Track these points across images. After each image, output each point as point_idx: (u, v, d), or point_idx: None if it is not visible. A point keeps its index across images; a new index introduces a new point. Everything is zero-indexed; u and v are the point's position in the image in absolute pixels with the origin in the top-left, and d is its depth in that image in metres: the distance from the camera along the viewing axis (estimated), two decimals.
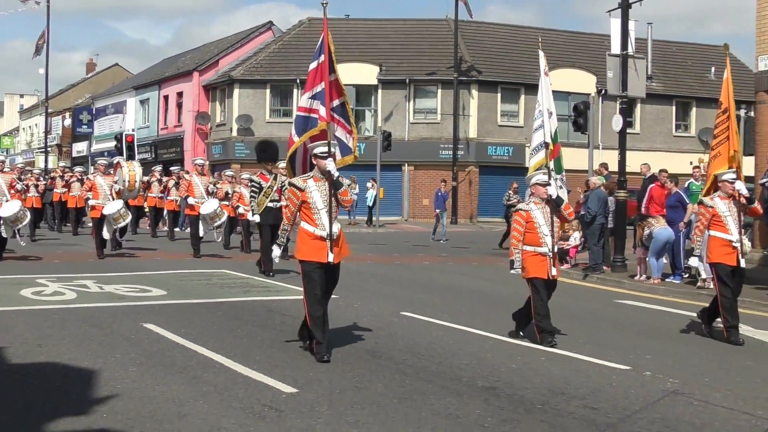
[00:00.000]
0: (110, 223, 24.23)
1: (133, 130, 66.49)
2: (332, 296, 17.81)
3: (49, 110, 75.02)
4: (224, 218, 26.54)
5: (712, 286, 19.80)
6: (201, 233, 26.02)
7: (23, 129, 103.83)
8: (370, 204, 44.91)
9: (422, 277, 22.02)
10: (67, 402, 9.25)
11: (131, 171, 25.04)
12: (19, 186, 25.11)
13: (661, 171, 23.15)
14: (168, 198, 35.20)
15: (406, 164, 53.42)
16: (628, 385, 10.71)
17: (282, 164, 24.07)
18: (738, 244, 14.06)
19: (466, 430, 8.53)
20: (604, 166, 27.23)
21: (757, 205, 14.75)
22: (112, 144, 64.96)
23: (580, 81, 55.06)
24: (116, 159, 28.40)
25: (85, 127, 79.32)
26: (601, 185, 23.78)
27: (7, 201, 23.12)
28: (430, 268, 25.28)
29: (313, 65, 12.79)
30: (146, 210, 36.72)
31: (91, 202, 25.19)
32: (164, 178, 36.49)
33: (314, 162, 11.75)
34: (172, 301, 16.78)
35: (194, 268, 22.73)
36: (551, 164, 14.79)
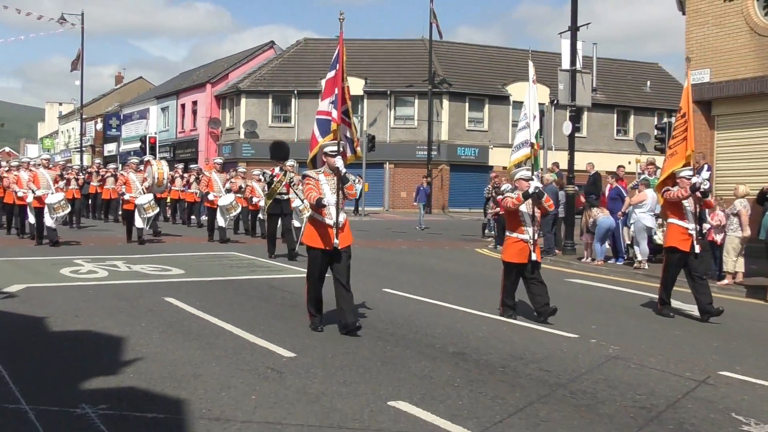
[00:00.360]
0: (142, 213, 24.05)
1: (155, 133, 66.61)
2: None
3: (84, 116, 74.83)
4: (239, 209, 26.46)
5: (647, 267, 19.99)
6: (221, 222, 25.74)
7: (62, 132, 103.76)
8: (357, 196, 44.85)
9: (401, 259, 22.02)
10: (100, 364, 9.25)
11: (159, 169, 25.01)
12: (61, 184, 24.82)
13: (618, 167, 23.40)
14: (188, 191, 34.84)
15: (387, 163, 53.41)
16: (576, 351, 10.73)
17: (290, 162, 24.07)
18: (694, 232, 13.89)
19: (438, 388, 8.54)
20: (556, 164, 27.32)
21: (710, 199, 14.76)
22: (137, 145, 65.10)
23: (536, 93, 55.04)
24: (146, 158, 28.69)
25: (114, 130, 79.38)
26: (553, 181, 23.84)
27: (52, 193, 23.01)
28: (408, 251, 25.28)
29: (330, 74, 12.67)
30: (168, 202, 36.20)
31: (125, 196, 24.82)
32: (185, 174, 36.09)
33: (324, 159, 11.65)
34: (190, 279, 16.75)
35: (208, 251, 22.69)
36: (533, 161, 14.57)
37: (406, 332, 11.66)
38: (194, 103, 65.50)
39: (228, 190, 26.64)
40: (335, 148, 11.57)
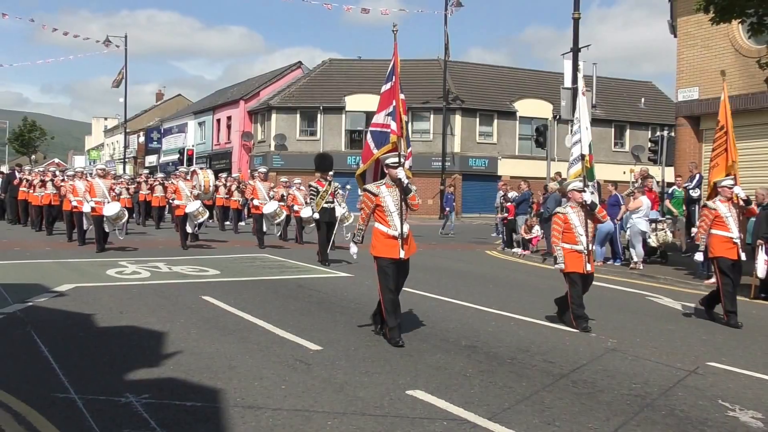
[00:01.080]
0: (191, 219, 23.59)
1: (192, 146, 67.04)
2: (344, 275, 17.93)
3: (127, 130, 75.22)
4: (283, 216, 25.48)
5: (641, 267, 19.95)
6: (264, 228, 25.22)
7: (107, 144, 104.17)
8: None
9: (417, 261, 21.96)
10: (142, 356, 9.28)
11: (206, 177, 24.07)
12: (117, 189, 24.54)
13: (648, 177, 23.28)
14: (232, 199, 34.30)
15: None
16: (577, 344, 10.73)
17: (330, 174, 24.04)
18: (738, 241, 13.24)
19: (452, 378, 8.54)
20: (559, 174, 27.25)
21: (753, 206, 14.09)
22: (176, 156, 65.32)
23: (540, 108, 55.11)
24: (193, 167, 27.95)
25: (155, 143, 79.69)
26: (557, 189, 23.80)
27: (108, 202, 22.21)
28: (423, 253, 25.16)
29: (386, 87, 11.92)
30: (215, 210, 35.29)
31: (175, 203, 24.67)
32: (227, 183, 35.54)
33: (386, 171, 10.87)
34: (225, 279, 16.77)
35: (242, 254, 22.71)
36: (585, 172, 13.39)
37: (423, 327, 11.67)
38: (228, 118, 65.65)
39: (272, 197, 26.14)
40: (397, 159, 10.77)
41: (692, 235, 18.69)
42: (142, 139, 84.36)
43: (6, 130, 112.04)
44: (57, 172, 31.68)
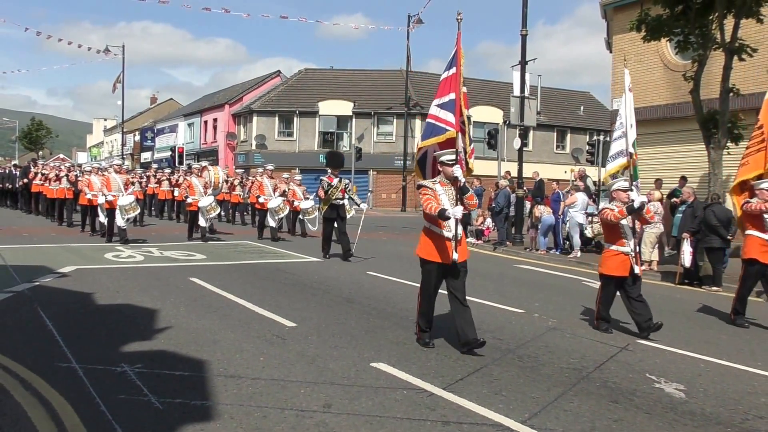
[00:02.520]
0: (204, 214, 21.75)
1: (182, 144, 66.45)
2: (316, 260, 17.87)
3: (125, 130, 74.58)
4: (287, 211, 24.35)
5: (579, 255, 20.07)
6: (271, 223, 23.50)
7: (106, 143, 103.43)
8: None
9: (381, 248, 21.98)
10: (136, 331, 9.22)
11: (215, 174, 22.72)
12: (132, 180, 23.18)
13: (583, 177, 23.33)
14: (234, 193, 31.73)
15: (371, 170, 53.28)
16: (522, 323, 10.77)
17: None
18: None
19: (411, 353, 8.56)
20: (508, 173, 27.34)
21: None
22: (168, 154, 64.86)
23: (492, 114, 55.19)
24: (204, 163, 25.61)
25: (150, 141, 79.15)
26: (506, 186, 23.90)
27: (123, 195, 20.67)
28: (387, 241, 25.29)
29: (446, 74, 9.84)
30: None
31: (188, 200, 22.55)
32: (229, 179, 32.70)
33: (440, 168, 9.10)
34: (211, 262, 16.70)
35: (227, 241, 22.60)
36: (632, 171, 11.73)
37: (385, 307, 11.66)
38: (215, 120, 65.29)
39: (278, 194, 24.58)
40: (452, 156, 9.04)
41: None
42: (137, 138, 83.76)
43: (16, 129, 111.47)
44: (72, 167, 30.89)
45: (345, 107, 55.97)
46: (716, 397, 7.33)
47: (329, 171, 19.01)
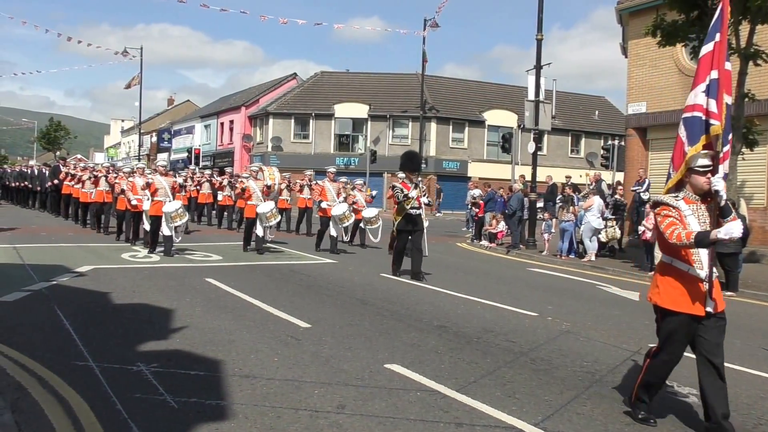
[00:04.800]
0: (263, 222, 19.18)
1: (199, 146, 66.85)
2: (330, 261, 17.87)
3: (142, 131, 74.83)
4: (352, 219, 21.00)
5: (593, 260, 20.00)
6: (332, 232, 20.50)
7: (123, 143, 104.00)
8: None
9: None
10: (152, 330, 9.26)
11: (271, 175, 20.04)
12: (180, 180, 19.90)
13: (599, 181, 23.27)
14: (300, 196, 26.96)
15: (386, 173, 53.28)
16: (536, 326, 10.74)
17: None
18: None
19: (425, 354, 8.55)
20: (522, 177, 27.33)
21: None
22: (185, 155, 65.15)
23: (507, 118, 55.19)
24: (259, 164, 21.04)
25: (166, 143, 79.44)
26: (520, 190, 23.88)
27: (170, 201, 17.98)
28: None
29: (706, 49, 6.59)
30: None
31: (248, 203, 19.73)
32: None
33: (685, 179, 6.31)
34: (226, 263, 16.74)
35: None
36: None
37: (399, 309, 11.65)
38: (231, 122, 65.46)
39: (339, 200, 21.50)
40: (708, 161, 6.22)
41: (639, 233, 18.80)
42: (154, 139, 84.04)
43: (35, 130, 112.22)
44: (111, 168, 27.80)
45: (360, 110, 56.06)
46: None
47: (402, 176, 16.05)
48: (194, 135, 73.39)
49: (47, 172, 33.82)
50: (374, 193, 20.22)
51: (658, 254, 6.07)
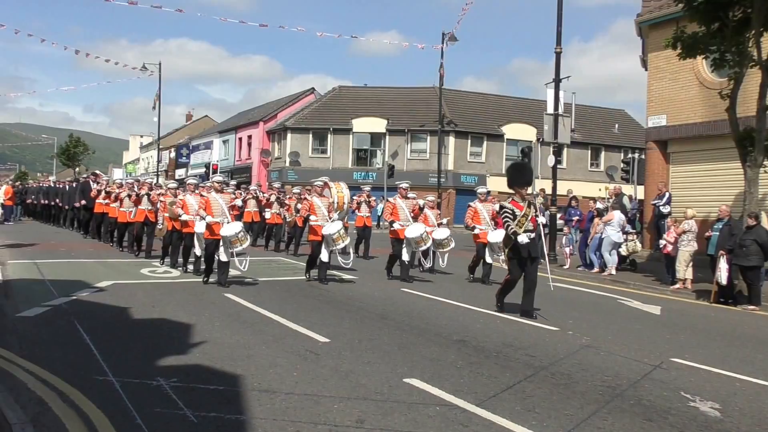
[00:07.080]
0: (330, 245, 16.38)
1: (217, 161, 67.10)
2: (345, 276, 17.87)
3: (160, 146, 75.21)
4: (429, 242, 18.16)
5: (614, 273, 19.93)
6: (404, 256, 17.77)
7: (142, 159, 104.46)
8: (380, 213, 44.49)
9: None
10: (172, 345, 9.30)
11: (339, 192, 17.86)
12: (238, 202, 17.23)
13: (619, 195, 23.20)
14: (359, 214, 24.15)
15: None
16: (556, 341, 10.73)
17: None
18: None
19: (444, 369, 8.55)
20: (543, 190, 27.33)
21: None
22: (203, 170, 65.34)
23: (526, 132, 55.16)
24: (324, 179, 17.72)
25: (185, 158, 79.80)
26: (540, 203, 23.85)
27: (228, 222, 15.59)
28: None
29: None
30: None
31: (311, 222, 16.85)
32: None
33: None
34: (245, 278, 16.77)
35: (260, 257, 22.52)
36: None
37: (419, 323, 11.66)
38: (249, 136, 65.69)
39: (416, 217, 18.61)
40: None
41: (660, 246, 18.76)
42: (173, 154, 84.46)
43: (54, 146, 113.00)
44: (154, 185, 25.50)
45: (379, 124, 56.15)
46: (752, 416, 7.27)
47: (512, 193, 13.34)
48: (212, 150, 73.69)
49: (77, 189, 30.81)
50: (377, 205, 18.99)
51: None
